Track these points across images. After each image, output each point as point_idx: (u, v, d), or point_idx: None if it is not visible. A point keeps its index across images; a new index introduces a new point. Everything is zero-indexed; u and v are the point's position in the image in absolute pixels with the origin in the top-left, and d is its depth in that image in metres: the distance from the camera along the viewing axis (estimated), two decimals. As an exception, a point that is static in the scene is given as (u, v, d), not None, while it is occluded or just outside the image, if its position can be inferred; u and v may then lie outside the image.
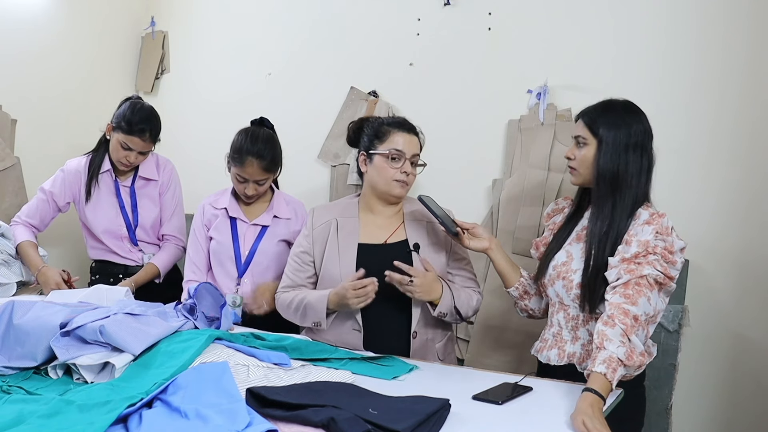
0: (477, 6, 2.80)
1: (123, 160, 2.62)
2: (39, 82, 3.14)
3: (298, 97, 3.19)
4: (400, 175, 2.04)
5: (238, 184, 2.38)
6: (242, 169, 2.32)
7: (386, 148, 2.04)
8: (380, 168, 2.05)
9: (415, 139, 2.09)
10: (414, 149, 2.07)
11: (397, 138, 2.05)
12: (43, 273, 2.51)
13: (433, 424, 1.40)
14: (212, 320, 2.00)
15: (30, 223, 2.68)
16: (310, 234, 2.14)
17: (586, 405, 1.50)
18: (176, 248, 2.76)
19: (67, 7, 3.24)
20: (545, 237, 2.08)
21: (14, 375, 1.66)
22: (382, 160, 2.04)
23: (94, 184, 2.69)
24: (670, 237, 1.75)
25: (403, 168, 2.04)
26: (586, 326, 1.88)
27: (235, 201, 2.46)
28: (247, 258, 2.41)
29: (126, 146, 2.58)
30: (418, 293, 1.92)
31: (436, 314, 1.96)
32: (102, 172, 2.70)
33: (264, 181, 2.36)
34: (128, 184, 2.73)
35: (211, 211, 2.46)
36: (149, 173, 2.74)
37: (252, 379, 1.57)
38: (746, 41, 2.36)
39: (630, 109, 1.87)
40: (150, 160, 2.75)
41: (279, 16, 3.26)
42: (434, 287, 1.94)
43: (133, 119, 2.56)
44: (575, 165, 1.90)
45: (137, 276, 2.64)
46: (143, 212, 2.72)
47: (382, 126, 2.09)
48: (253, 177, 2.33)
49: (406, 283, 1.90)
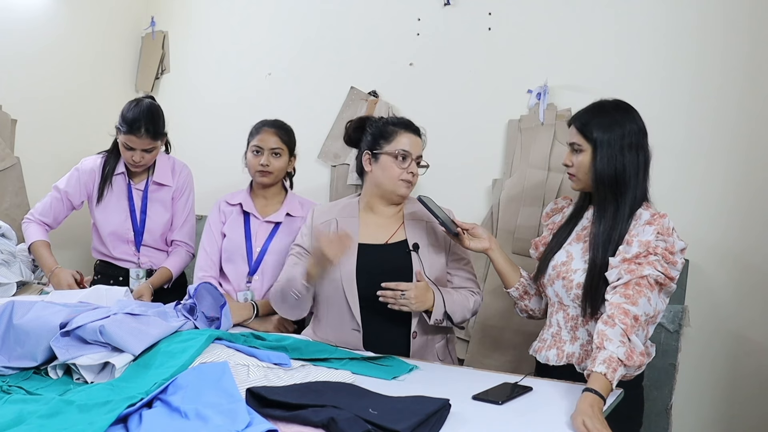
0: (477, 6, 2.79)
1: (130, 161, 2.59)
2: (39, 82, 3.14)
3: (298, 97, 3.19)
4: (407, 175, 2.06)
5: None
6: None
7: (394, 148, 2.05)
8: (387, 167, 2.06)
9: (419, 141, 2.11)
10: (418, 150, 2.09)
11: (403, 138, 2.07)
12: (56, 274, 2.51)
13: (433, 424, 1.40)
14: (212, 320, 2.00)
15: (43, 221, 2.67)
16: (309, 233, 2.14)
17: (587, 405, 1.50)
18: (187, 254, 2.73)
19: (67, 7, 3.24)
20: (544, 237, 2.07)
21: (14, 375, 1.66)
22: (389, 159, 2.05)
23: (108, 186, 2.68)
24: (671, 237, 1.75)
25: (410, 168, 2.05)
26: (585, 326, 1.88)
27: (250, 197, 2.47)
28: (259, 255, 2.42)
29: (128, 146, 2.55)
30: (414, 305, 1.92)
31: (432, 322, 1.97)
32: (116, 174, 2.69)
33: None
34: (141, 187, 2.70)
35: (226, 207, 2.48)
36: (163, 178, 2.70)
37: (252, 379, 1.57)
38: (746, 41, 2.36)
39: (621, 109, 1.86)
40: (166, 164, 2.72)
41: (279, 16, 3.26)
42: (426, 296, 1.95)
43: (128, 117, 2.52)
44: (574, 172, 1.90)
45: (153, 279, 2.60)
46: (154, 217, 2.69)
47: (387, 126, 2.11)
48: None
49: (399, 297, 1.91)
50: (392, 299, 1.91)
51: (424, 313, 1.98)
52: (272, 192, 2.49)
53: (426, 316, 1.97)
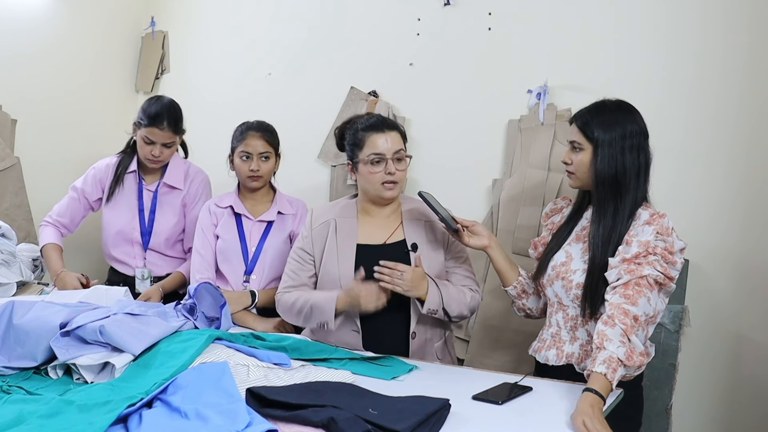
0: (477, 6, 2.79)
1: (149, 156, 2.58)
2: (39, 82, 3.14)
3: (298, 97, 3.19)
4: (386, 177, 2.02)
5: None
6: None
7: (366, 155, 2.02)
8: (365, 174, 2.04)
9: (394, 135, 2.05)
10: (395, 146, 2.03)
11: (373, 140, 2.02)
12: (62, 278, 2.51)
13: (433, 424, 1.40)
14: (212, 320, 2.00)
15: (60, 222, 2.68)
16: (309, 234, 2.14)
17: (587, 405, 1.50)
18: None
19: (67, 7, 3.24)
20: (544, 237, 2.08)
21: (14, 375, 1.66)
22: (365, 166, 2.03)
23: (119, 184, 2.67)
24: (670, 237, 1.75)
25: (387, 169, 2.02)
26: (584, 326, 1.88)
27: (239, 199, 2.47)
28: (255, 254, 2.43)
29: (148, 140, 2.55)
30: (406, 287, 1.91)
31: (425, 311, 1.96)
32: (128, 172, 2.68)
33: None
34: (153, 188, 2.69)
35: (216, 209, 2.48)
36: (175, 181, 2.69)
37: (252, 379, 1.57)
38: (746, 41, 2.36)
39: (623, 109, 1.86)
40: (180, 167, 2.71)
41: (279, 16, 3.26)
42: (422, 283, 1.94)
43: (150, 111, 2.54)
44: (572, 170, 1.90)
45: (165, 282, 2.58)
46: (161, 219, 2.67)
47: (357, 133, 2.07)
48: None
49: (396, 276, 1.90)
50: (388, 277, 1.91)
51: (418, 302, 1.97)
52: (261, 192, 2.49)
53: (419, 304, 1.97)
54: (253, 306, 2.34)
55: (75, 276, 2.50)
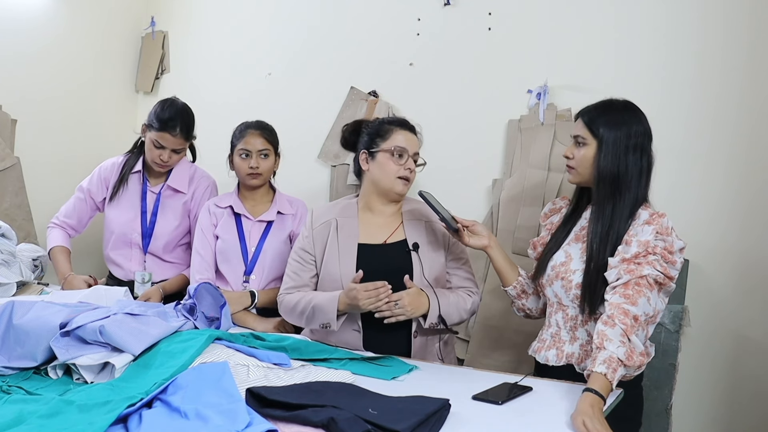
0: (477, 6, 2.79)
1: (157, 159, 2.56)
2: (39, 82, 3.14)
3: (298, 97, 3.19)
4: (404, 172, 2.06)
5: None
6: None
7: (390, 145, 2.07)
8: (383, 165, 2.07)
9: (415, 138, 2.13)
10: (415, 147, 2.11)
11: (399, 136, 2.09)
12: (69, 281, 2.51)
13: (433, 424, 1.40)
14: (212, 320, 2.00)
15: (68, 223, 2.68)
16: (309, 234, 2.14)
17: (587, 405, 1.50)
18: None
19: (67, 7, 3.24)
20: (542, 237, 2.08)
21: (14, 375, 1.66)
22: (386, 156, 2.06)
23: (123, 184, 2.66)
24: (670, 237, 1.75)
25: (406, 165, 2.06)
26: (584, 326, 1.88)
27: (239, 199, 2.47)
28: (254, 255, 2.43)
29: (158, 144, 2.54)
30: (410, 311, 1.92)
31: (427, 326, 1.97)
32: (133, 172, 2.67)
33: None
34: (157, 190, 2.67)
35: (216, 209, 2.48)
36: (179, 184, 2.67)
37: (252, 379, 1.57)
38: (746, 41, 2.36)
39: (630, 110, 1.87)
40: (185, 171, 2.69)
41: (279, 16, 3.26)
42: (421, 301, 1.95)
43: (163, 115, 2.52)
44: (574, 164, 1.90)
45: (167, 283, 2.58)
46: (162, 221, 2.65)
47: (383, 125, 2.13)
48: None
49: (393, 308, 1.90)
50: (388, 312, 1.91)
51: (421, 318, 1.98)
52: (260, 192, 2.49)
53: (422, 320, 1.97)
54: (252, 306, 2.34)
55: (82, 279, 2.50)
